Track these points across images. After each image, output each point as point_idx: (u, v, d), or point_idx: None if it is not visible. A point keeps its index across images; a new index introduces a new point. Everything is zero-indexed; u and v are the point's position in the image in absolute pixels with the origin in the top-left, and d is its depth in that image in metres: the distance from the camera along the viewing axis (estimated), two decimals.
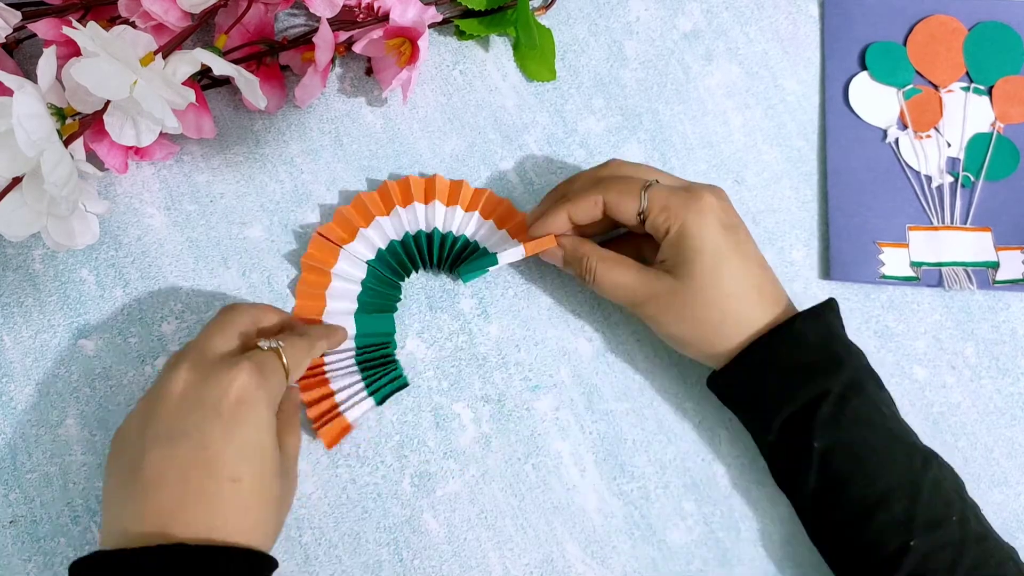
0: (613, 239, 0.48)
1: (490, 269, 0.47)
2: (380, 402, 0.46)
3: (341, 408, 0.45)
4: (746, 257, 0.42)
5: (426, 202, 0.48)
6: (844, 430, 0.40)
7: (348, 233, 0.48)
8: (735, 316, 0.42)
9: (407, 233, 0.48)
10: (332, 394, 0.46)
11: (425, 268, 0.49)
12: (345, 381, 0.46)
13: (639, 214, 0.43)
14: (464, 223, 0.48)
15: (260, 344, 0.40)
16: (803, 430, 0.40)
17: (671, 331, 0.44)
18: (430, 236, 0.48)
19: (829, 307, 0.43)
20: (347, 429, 0.45)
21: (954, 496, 0.40)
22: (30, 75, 0.48)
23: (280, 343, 0.40)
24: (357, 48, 0.49)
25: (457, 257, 0.48)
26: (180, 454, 0.37)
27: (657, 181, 0.44)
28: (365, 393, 0.46)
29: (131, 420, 0.39)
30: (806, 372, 0.41)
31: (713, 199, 0.42)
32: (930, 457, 0.41)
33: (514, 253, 0.46)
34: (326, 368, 0.46)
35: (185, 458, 0.36)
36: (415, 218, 0.48)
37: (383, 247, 0.48)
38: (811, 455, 0.40)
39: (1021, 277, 0.50)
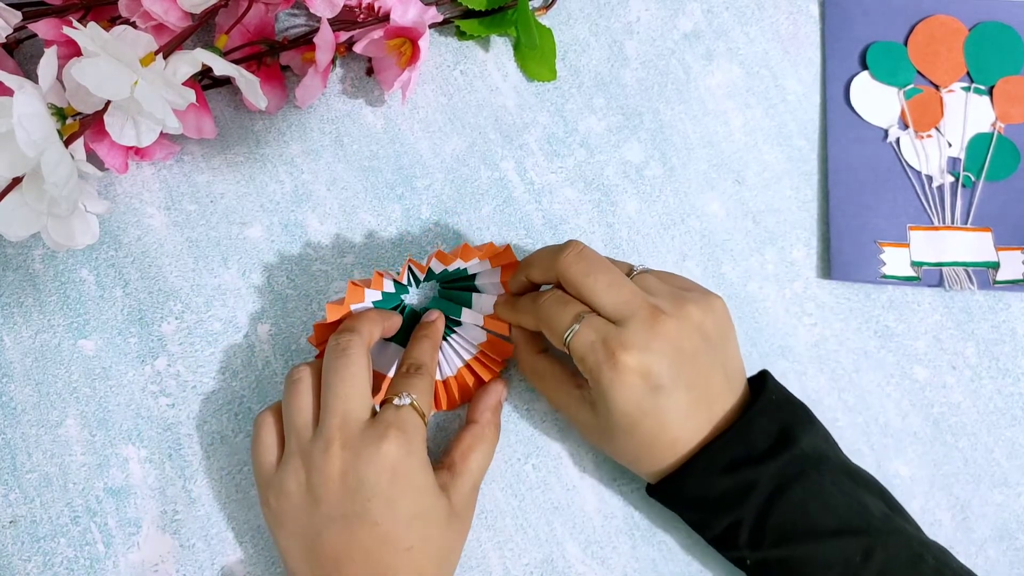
0: None
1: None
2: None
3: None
4: (662, 417, 0.40)
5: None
6: (768, 549, 0.39)
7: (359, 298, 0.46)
8: (648, 462, 0.41)
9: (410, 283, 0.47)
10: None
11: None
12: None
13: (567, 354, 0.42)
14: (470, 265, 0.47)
15: (394, 402, 0.41)
16: (732, 548, 0.41)
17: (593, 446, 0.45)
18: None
19: (749, 423, 0.40)
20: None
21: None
22: (30, 75, 0.48)
23: (412, 396, 0.41)
24: (358, 48, 0.49)
25: (451, 280, 0.47)
26: (359, 534, 0.39)
27: (585, 317, 0.40)
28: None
29: (289, 492, 0.40)
30: (715, 505, 0.40)
31: (632, 361, 0.38)
32: (875, 540, 0.38)
33: (476, 318, 0.46)
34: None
35: (364, 537, 0.39)
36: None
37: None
38: (747, 569, 0.40)
39: (1021, 277, 0.50)
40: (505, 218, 0.50)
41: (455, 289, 0.47)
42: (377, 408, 0.41)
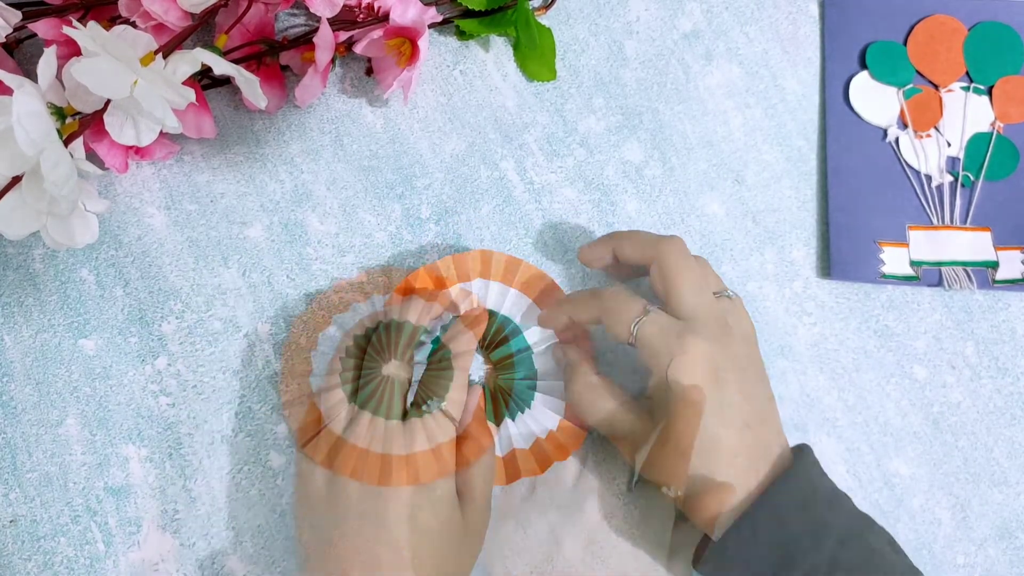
0: None
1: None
2: None
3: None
4: (725, 416, 0.39)
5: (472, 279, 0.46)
6: None
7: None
8: (702, 479, 0.39)
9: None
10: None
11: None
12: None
13: (629, 344, 0.41)
14: (502, 298, 0.47)
15: (423, 409, 0.41)
16: None
17: (639, 470, 0.42)
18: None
19: (810, 466, 0.40)
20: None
21: None
22: (30, 75, 0.48)
23: (440, 404, 0.42)
24: (357, 48, 0.49)
25: (494, 343, 0.47)
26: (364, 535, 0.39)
27: (652, 310, 0.41)
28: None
29: (314, 485, 0.41)
30: (793, 548, 0.37)
31: (702, 347, 0.39)
32: None
33: (550, 404, 0.46)
34: None
35: (369, 539, 0.39)
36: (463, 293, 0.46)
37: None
38: None
39: (1021, 277, 0.50)
40: (505, 218, 0.50)
41: (508, 365, 0.46)
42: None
